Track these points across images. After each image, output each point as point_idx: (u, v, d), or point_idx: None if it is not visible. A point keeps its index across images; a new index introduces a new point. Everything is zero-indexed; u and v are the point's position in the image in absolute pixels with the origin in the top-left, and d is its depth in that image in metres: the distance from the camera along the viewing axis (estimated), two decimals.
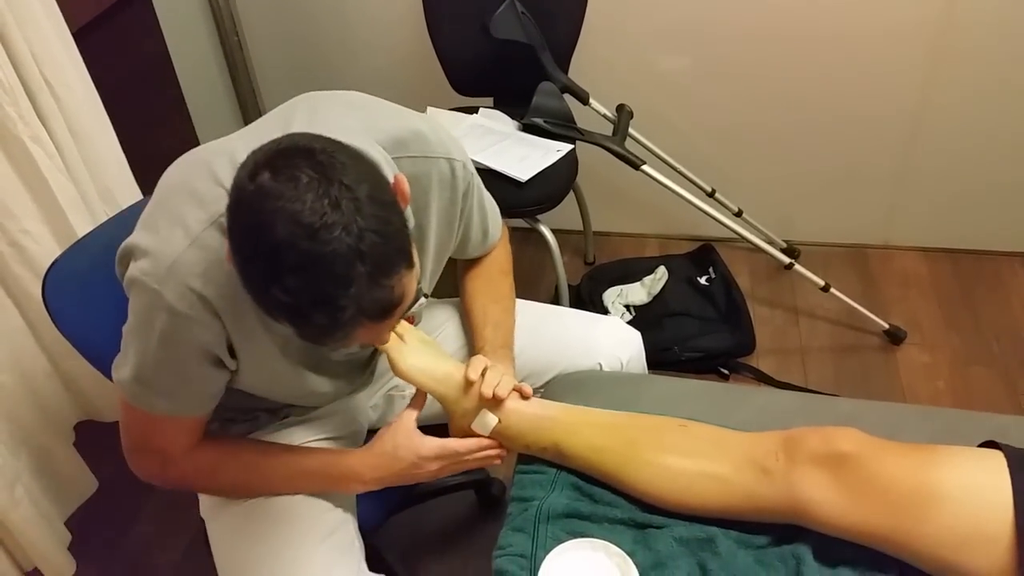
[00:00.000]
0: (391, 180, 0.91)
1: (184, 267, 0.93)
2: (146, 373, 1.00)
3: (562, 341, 1.36)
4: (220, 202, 0.93)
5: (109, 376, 1.16)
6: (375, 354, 1.27)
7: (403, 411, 1.13)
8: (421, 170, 1.09)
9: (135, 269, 0.95)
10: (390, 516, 1.33)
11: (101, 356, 1.18)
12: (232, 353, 1.02)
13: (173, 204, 0.98)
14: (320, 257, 0.79)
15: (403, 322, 1.15)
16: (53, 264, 1.24)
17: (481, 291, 1.30)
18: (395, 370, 1.12)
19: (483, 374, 1.13)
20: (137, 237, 0.97)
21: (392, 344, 1.11)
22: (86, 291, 1.23)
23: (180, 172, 1.02)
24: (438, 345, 1.22)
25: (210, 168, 0.97)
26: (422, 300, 1.19)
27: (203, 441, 1.11)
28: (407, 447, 1.10)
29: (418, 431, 1.11)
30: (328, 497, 1.17)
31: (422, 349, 1.15)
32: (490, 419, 1.13)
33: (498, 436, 1.14)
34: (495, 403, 1.13)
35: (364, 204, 0.80)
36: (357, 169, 0.83)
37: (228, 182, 0.92)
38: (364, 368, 1.26)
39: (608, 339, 1.38)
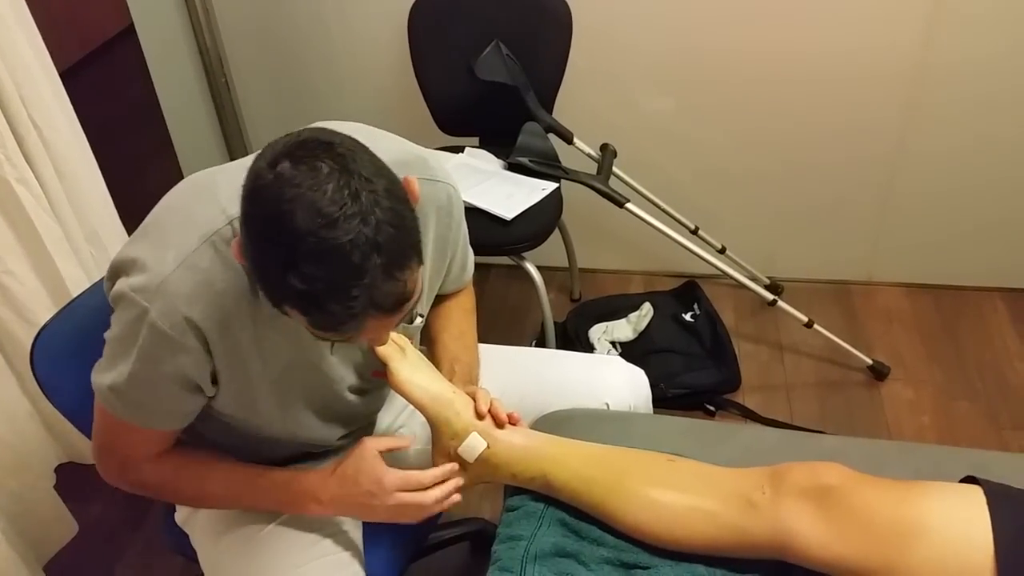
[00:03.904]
0: None
1: (173, 287, 0.94)
2: (120, 384, 0.99)
3: (567, 384, 1.35)
4: (215, 222, 0.95)
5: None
6: (371, 411, 1.27)
7: (371, 437, 1.12)
8: (424, 192, 1.10)
9: (124, 284, 0.95)
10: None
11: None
12: (214, 379, 1.02)
13: (168, 223, 0.99)
14: (338, 247, 0.79)
15: (403, 337, 1.15)
16: (41, 331, 1.21)
17: (444, 328, 1.30)
18: (392, 381, 1.11)
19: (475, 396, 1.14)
20: (129, 251, 0.98)
21: (393, 354, 1.11)
22: (76, 358, 1.18)
23: (184, 192, 1.03)
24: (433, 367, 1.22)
25: (214, 192, 0.98)
26: (418, 320, 1.19)
27: (171, 450, 1.10)
28: (368, 473, 1.07)
29: (381, 459, 1.09)
30: (337, 543, 1.16)
31: (420, 365, 1.15)
32: (478, 443, 1.11)
33: (485, 464, 1.12)
34: (496, 424, 1.12)
35: (382, 197, 0.82)
36: (374, 164, 0.85)
37: (231, 208, 0.95)
38: (357, 419, 1.25)
39: (615, 379, 1.37)
